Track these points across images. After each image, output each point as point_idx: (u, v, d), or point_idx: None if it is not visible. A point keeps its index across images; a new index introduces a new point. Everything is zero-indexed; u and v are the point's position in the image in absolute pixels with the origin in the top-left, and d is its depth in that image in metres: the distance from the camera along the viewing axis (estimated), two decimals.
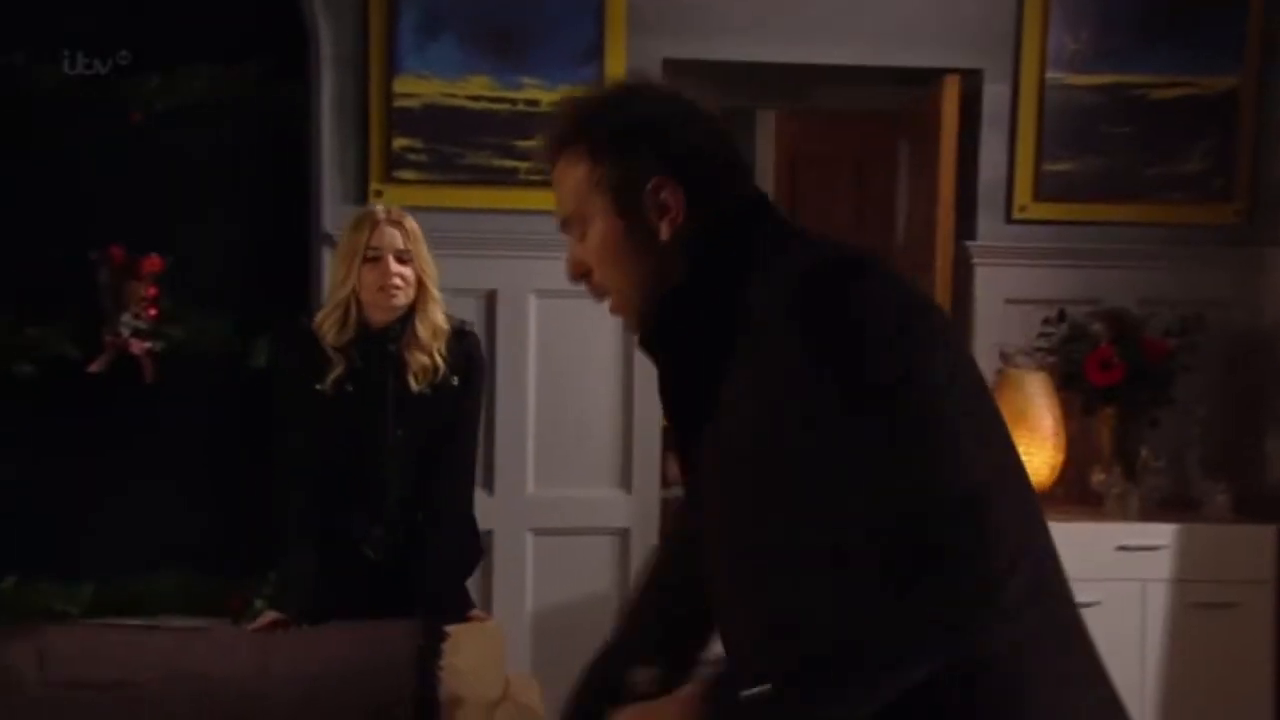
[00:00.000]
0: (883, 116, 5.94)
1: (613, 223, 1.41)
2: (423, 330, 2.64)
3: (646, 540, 3.83)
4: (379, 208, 2.74)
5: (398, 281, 2.62)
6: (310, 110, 3.68)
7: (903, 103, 4.20)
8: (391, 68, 3.62)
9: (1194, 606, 3.53)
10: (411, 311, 2.65)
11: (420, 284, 2.66)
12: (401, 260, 2.63)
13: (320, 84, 3.63)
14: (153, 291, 3.63)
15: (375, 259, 2.62)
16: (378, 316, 2.65)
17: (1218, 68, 3.86)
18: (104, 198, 3.72)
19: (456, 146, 3.66)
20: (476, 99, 3.65)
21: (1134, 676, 3.50)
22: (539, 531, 3.77)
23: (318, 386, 2.62)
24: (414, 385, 2.63)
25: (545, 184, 3.95)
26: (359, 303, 2.65)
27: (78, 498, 3.74)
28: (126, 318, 3.56)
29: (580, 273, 1.51)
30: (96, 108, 3.68)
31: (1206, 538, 3.58)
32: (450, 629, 2.51)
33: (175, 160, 3.77)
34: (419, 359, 2.63)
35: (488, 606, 3.68)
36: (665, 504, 3.95)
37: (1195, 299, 3.84)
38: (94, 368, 3.62)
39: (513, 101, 3.66)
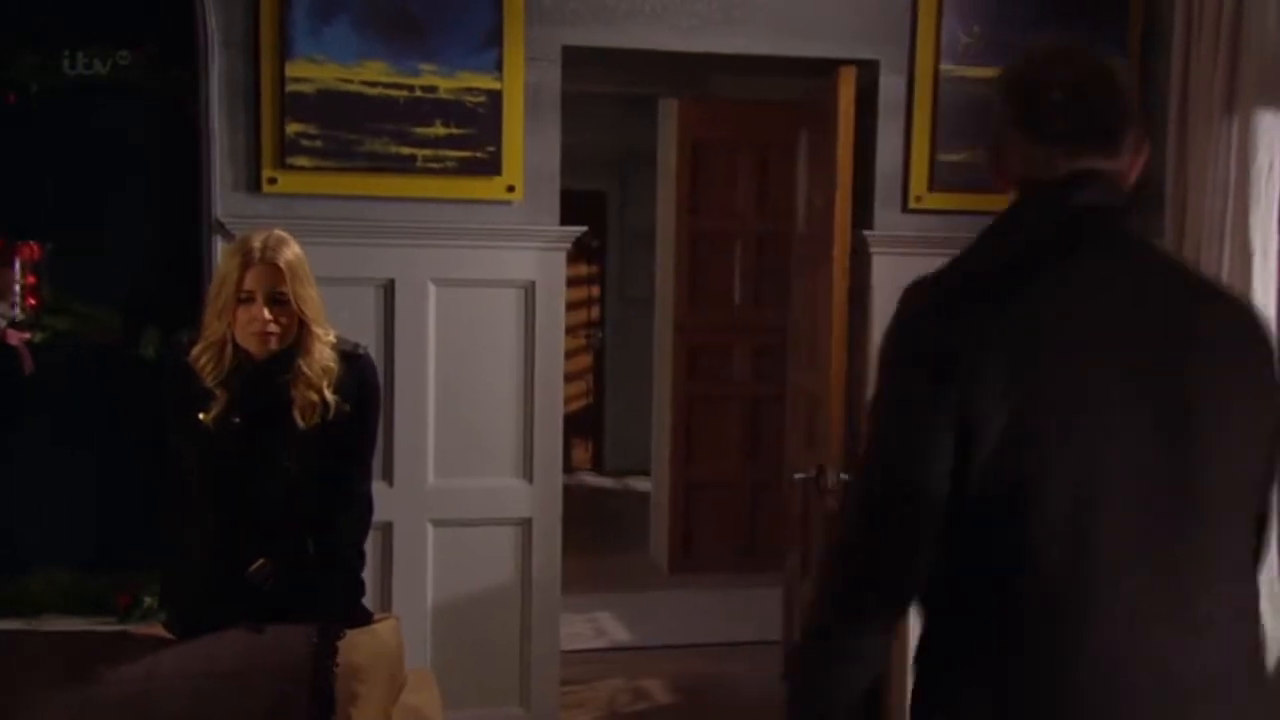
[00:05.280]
0: (785, 105, 5.99)
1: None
2: (308, 370, 2.53)
3: (549, 530, 3.82)
4: (256, 241, 2.54)
5: (271, 328, 2.49)
6: (200, 94, 3.57)
7: (802, 93, 4.23)
8: (284, 51, 3.53)
9: None
10: (295, 346, 2.53)
11: (301, 323, 2.53)
12: (277, 301, 2.50)
13: (210, 67, 3.53)
14: (31, 280, 3.51)
15: (248, 301, 2.50)
16: (255, 351, 2.54)
17: None
18: None
19: (352, 133, 3.59)
20: (373, 84, 3.59)
21: None
22: (439, 523, 3.73)
23: (201, 417, 2.51)
24: (301, 423, 2.53)
25: (443, 171, 3.93)
26: (235, 337, 2.53)
27: None
28: (2, 307, 3.43)
29: None
30: None
31: None
32: (347, 630, 2.46)
33: (54, 144, 3.64)
34: (307, 396, 2.52)
35: (387, 600, 3.65)
36: (568, 491, 3.95)
37: None
38: None
39: (410, 88, 3.60)
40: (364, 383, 2.62)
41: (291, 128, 3.56)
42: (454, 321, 3.72)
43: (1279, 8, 3.43)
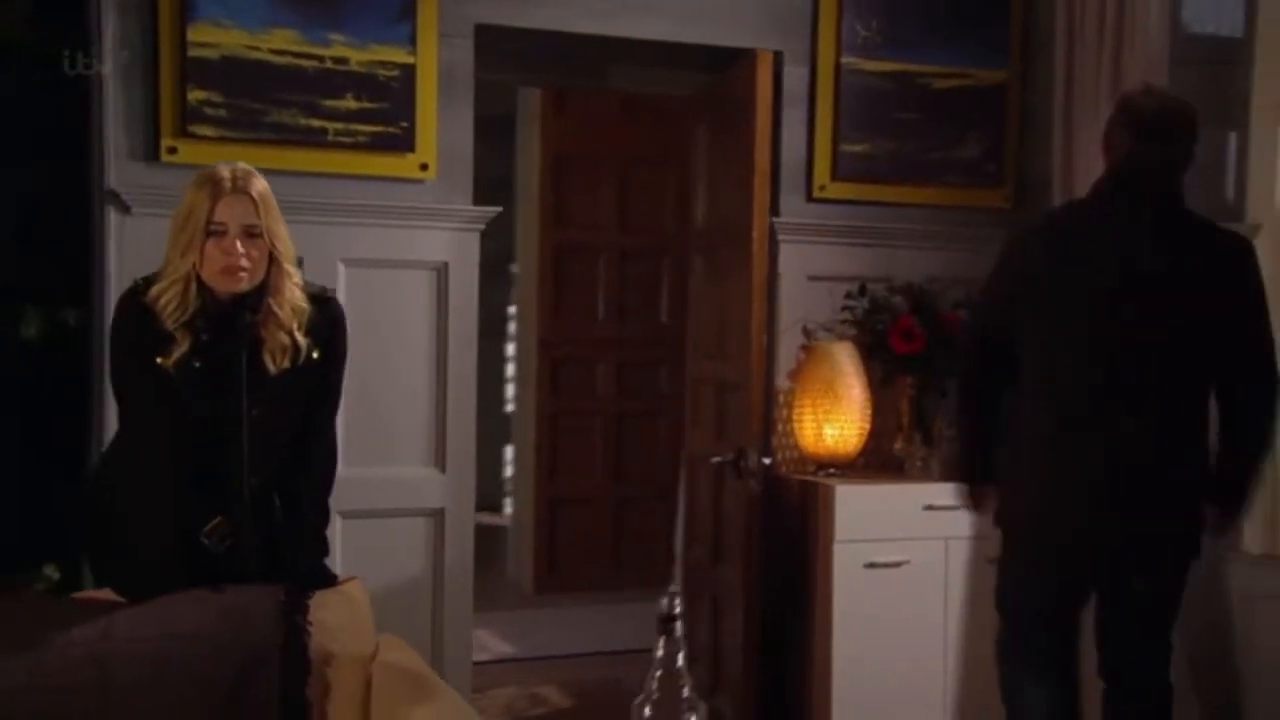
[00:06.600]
0: (647, 117, 6.07)
1: None
2: (279, 310, 2.37)
3: (462, 521, 3.69)
4: (225, 170, 2.38)
5: (244, 263, 2.32)
6: (91, 55, 3.34)
7: (696, 88, 4.28)
8: (186, 13, 3.35)
9: (990, 561, 3.70)
10: (265, 285, 2.37)
11: (272, 259, 2.37)
12: (250, 235, 2.34)
13: (103, 27, 3.31)
14: None
15: (219, 234, 2.32)
16: (224, 290, 2.36)
17: (989, 62, 4.13)
18: None
19: (259, 103, 3.42)
20: (281, 53, 3.44)
21: (938, 624, 3.68)
22: (348, 514, 3.53)
23: (159, 361, 2.31)
24: (272, 367, 2.36)
25: (355, 146, 3.80)
26: (201, 276, 2.35)
27: None
28: None
29: None
30: None
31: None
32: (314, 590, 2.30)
33: None
34: (277, 338, 2.36)
35: None
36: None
37: (974, 278, 4.05)
38: None
39: (320, 58, 3.47)
40: (335, 327, 2.48)
41: (194, 94, 3.37)
42: (364, 303, 3.55)
43: (1160, 7, 3.67)
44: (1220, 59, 3.86)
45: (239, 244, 2.30)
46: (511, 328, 7.02)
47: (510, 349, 7.16)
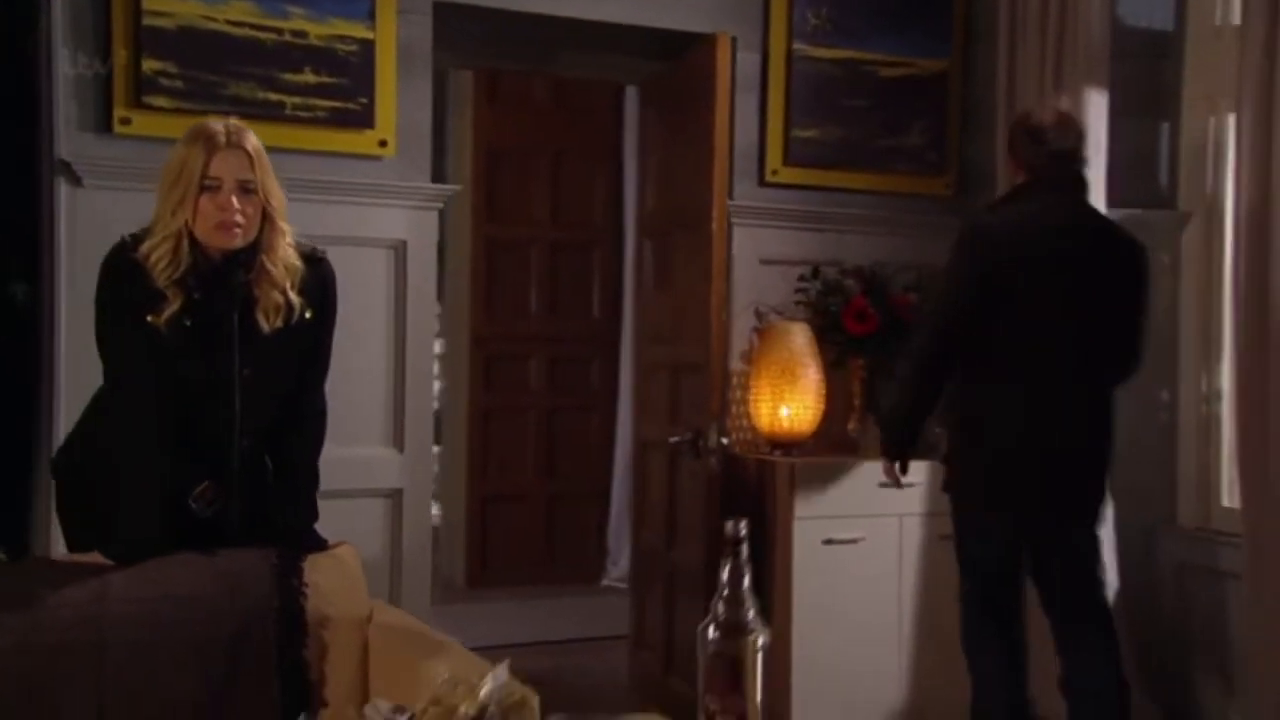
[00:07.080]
0: (577, 108, 6.10)
1: None
2: (273, 267, 2.31)
3: (419, 501, 3.65)
4: (218, 125, 2.30)
5: (238, 219, 2.26)
6: (39, 23, 3.24)
7: (642, 75, 4.31)
8: None
9: (942, 538, 3.78)
10: (258, 243, 2.32)
11: (265, 216, 2.32)
12: (245, 191, 2.28)
13: None
14: None
15: (213, 189, 2.26)
16: (218, 246, 2.30)
17: (932, 51, 4.23)
18: None
19: (216, 75, 3.36)
20: (239, 25, 3.38)
21: (892, 597, 3.74)
22: None
23: (150, 319, 2.24)
24: (265, 326, 2.31)
25: (314, 121, 3.74)
26: (192, 233, 2.28)
27: None
28: None
29: None
30: None
31: None
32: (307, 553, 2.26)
33: None
34: (271, 296, 2.31)
35: None
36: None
37: (918, 263, 4.16)
38: None
39: (278, 31, 3.42)
40: (328, 287, 2.43)
41: (148, 65, 3.29)
42: None
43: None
44: (1154, 52, 4.00)
45: (234, 199, 2.25)
46: (436, 324, 6.97)
47: (436, 346, 7.10)
